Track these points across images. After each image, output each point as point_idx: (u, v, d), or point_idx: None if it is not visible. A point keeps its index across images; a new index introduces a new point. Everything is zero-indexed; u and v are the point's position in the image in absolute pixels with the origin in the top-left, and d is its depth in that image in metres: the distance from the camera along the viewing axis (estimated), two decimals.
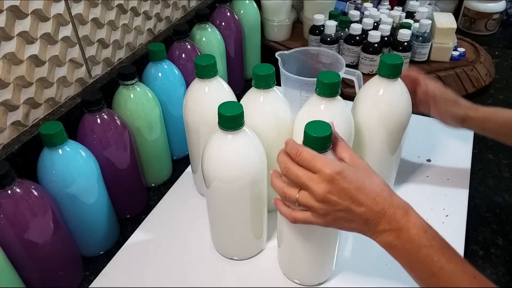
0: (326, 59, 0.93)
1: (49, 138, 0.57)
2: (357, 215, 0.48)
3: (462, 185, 0.77)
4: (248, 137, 0.57)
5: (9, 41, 0.59)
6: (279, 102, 0.64)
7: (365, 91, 0.68)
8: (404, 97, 0.66)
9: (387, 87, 0.65)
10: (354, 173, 0.48)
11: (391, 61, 0.62)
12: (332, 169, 0.47)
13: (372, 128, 0.67)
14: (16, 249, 0.54)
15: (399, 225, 0.47)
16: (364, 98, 0.67)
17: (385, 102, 0.65)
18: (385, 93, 0.65)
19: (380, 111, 0.66)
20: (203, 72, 0.64)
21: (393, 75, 0.63)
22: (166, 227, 0.72)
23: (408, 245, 0.47)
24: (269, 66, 0.61)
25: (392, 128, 0.67)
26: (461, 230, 0.69)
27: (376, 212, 0.47)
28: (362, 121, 0.67)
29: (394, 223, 0.47)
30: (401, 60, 0.63)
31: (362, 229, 0.50)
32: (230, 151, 0.55)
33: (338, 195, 0.47)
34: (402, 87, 0.66)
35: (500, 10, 1.27)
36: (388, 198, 0.48)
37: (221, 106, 0.54)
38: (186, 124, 0.70)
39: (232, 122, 0.54)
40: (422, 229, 0.47)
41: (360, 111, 0.67)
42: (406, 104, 0.66)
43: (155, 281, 0.64)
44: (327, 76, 0.58)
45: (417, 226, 0.47)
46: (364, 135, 0.68)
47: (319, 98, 0.60)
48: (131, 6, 0.82)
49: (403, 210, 0.48)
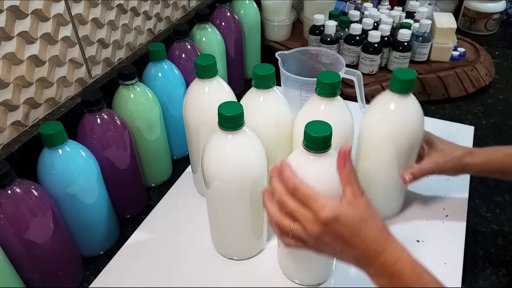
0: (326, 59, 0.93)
1: (49, 138, 0.57)
2: (349, 255, 0.49)
3: (462, 185, 0.77)
4: (248, 137, 0.57)
5: (9, 41, 0.59)
6: (279, 102, 0.64)
7: (375, 106, 0.64)
8: (416, 114, 0.62)
9: (399, 103, 0.61)
10: (351, 217, 0.47)
11: (404, 77, 0.59)
12: (328, 213, 0.47)
13: (382, 145, 0.64)
14: (16, 249, 0.54)
15: (391, 271, 0.47)
16: (374, 114, 0.64)
17: (396, 118, 0.62)
18: (396, 109, 0.62)
19: (391, 128, 0.62)
20: (203, 72, 0.64)
21: (405, 91, 0.60)
22: (166, 227, 0.72)
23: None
24: (269, 66, 0.61)
25: (403, 146, 0.63)
26: (461, 231, 0.69)
27: (368, 257, 0.47)
28: (371, 138, 0.65)
29: (386, 269, 0.47)
30: (414, 75, 0.60)
31: (355, 266, 0.50)
32: (231, 151, 0.55)
33: (332, 237, 0.48)
34: (414, 103, 0.62)
35: (500, 10, 1.27)
36: (382, 245, 0.47)
37: (221, 106, 0.54)
38: (186, 124, 0.70)
39: (232, 122, 0.54)
40: (415, 275, 0.46)
41: (370, 127, 0.65)
42: (418, 121, 0.63)
43: (155, 281, 0.64)
44: (327, 76, 0.58)
45: (409, 272, 0.46)
46: (372, 152, 0.66)
47: (319, 98, 0.60)
48: (131, 6, 0.82)
49: (395, 256, 0.47)
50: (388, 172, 0.66)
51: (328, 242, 0.48)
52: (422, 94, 1.00)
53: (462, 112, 0.98)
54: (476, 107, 0.99)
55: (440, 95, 1.01)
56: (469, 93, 1.02)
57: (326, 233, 0.48)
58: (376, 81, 1.00)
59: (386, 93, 0.62)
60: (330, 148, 0.50)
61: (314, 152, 0.50)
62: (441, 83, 1.00)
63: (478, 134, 0.90)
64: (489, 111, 0.98)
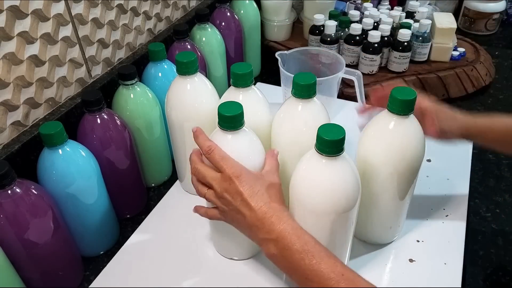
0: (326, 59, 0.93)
1: (49, 138, 0.57)
2: (244, 219, 0.52)
3: (462, 185, 0.77)
4: (249, 137, 0.57)
5: (9, 41, 0.59)
6: (258, 102, 0.64)
7: (372, 128, 0.59)
8: (417, 136, 0.57)
9: (398, 125, 0.56)
10: (253, 180, 0.53)
11: (403, 97, 0.54)
12: (232, 171, 0.52)
13: (380, 169, 0.59)
14: (16, 249, 0.54)
15: (276, 234, 0.50)
16: (371, 136, 0.59)
17: (396, 141, 0.57)
18: (395, 131, 0.56)
19: (390, 151, 0.57)
20: (184, 69, 0.65)
21: (404, 112, 0.55)
22: (166, 227, 0.72)
23: (285, 252, 0.49)
24: (247, 65, 0.62)
25: (403, 171, 0.58)
26: (461, 230, 0.69)
27: (258, 219, 0.51)
28: (368, 162, 0.59)
29: (271, 233, 0.50)
30: (414, 95, 0.54)
31: (249, 235, 0.54)
32: (230, 150, 0.55)
33: (231, 196, 0.52)
34: (415, 125, 0.57)
35: (500, 10, 1.27)
36: (273, 208, 0.52)
37: (221, 106, 0.54)
38: (170, 122, 0.71)
39: (232, 122, 0.54)
40: (296, 235, 0.50)
41: (366, 151, 0.59)
42: (419, 144, 0.58)
43: (155, 281, 0.64)
44: (303, 78, 0.58)
45: (291, 233, 0.50)
46: (369, 177, 0.60)
47: (296, 100, 0.59)
48: (131, 6, 0.82)
49: (279, 217, 0.51)
50: (386, 197, 0.61)
51: (229, 201, 0.53)
52: None
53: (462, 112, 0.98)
54: (476, 107, 0.99)
55: (440, 95, 1.01)
56: (469, 93, 1.02)
57: (228, 191, 0.52)
58: (376, 81, 1.00)
59: (385, 113, 0.57)
60: (342, 152, 0.50)
61: (326, 156, 0.50)
62: (441, 83, 1.00)
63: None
64: (489, 111, 0.98)
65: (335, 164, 0.50)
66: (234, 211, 0.53)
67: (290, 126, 0.61)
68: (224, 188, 0.53)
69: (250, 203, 0.51)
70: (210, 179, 0.54)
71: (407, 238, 0.69)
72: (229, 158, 0.53)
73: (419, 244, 0.68)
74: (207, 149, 0.54)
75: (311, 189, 0.52)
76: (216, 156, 0.53)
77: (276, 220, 0.50)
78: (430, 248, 0.67)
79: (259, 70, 1.14)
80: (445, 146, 0.86)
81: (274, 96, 0.93)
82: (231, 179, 0.52)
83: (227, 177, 0.52)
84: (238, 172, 0.52)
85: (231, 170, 0.52)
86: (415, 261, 0.65)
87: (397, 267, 0.65)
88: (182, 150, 0.73)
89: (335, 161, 0.50)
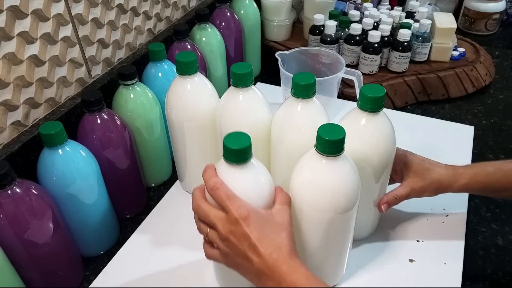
0: (326, 59, 0.93)
1: (49, 138, 0.57)
2: (252, 265, 0.48)
3: None
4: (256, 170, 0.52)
5: (9, 41, 0.59)
6: (258, 101, 0.64)
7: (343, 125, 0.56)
8: (387, 132, 0.59)
9: (369, 121, 0.57)
10: (262, 222, 0.48)
11: (373, 94, 0.55)
12: (239, 213, 0.48)
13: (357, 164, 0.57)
14: (16, 249, 0.54)
15: (287, 285, 0.46)
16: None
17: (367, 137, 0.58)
18: (366, 128, 0.58)
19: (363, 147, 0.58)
20: (184, 69, 0.65)
21: (374, 109, 0.56)
22: (166, 227, 0.72)
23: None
24: (247, 65, 0.62)
25: (375, 167, 0.59)
26: (461, 230, 0.69)
27: (268, 267, 0.47)
28: None
29: (282, 283, 0.46)
30: (383, 92, 0.56)
31: (257, 283, 0.49)
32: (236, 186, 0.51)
33: (238, 239, 0.48)
34: (385, 121, 0.58)
35: (500, 10, 1.27)
36: (284, 255, 0.47)
37: (227, 137, 0.50)
38: (170, 122, 0.71)
39: (240, 155, 0.49)
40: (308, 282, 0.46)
41: None
42: (390, 140, 0.59)
43: (155, 281, 0.64)
44: (302, 78, 0.58)
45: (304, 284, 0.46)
46: None
47: (295, 100, 0.59)
48: (131, 6, 0.82)
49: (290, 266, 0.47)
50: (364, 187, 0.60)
51: (234, 245, 0.48)
52: (422, 94, 1.00)
53: (462, 112, 0.98)
54: (476, 107, 0.99)
55: (440, 95, 1.01)
56: (469, 93, 1.02)
57: (234, 234, 0.48)
58: (376, 81, 1.00)
59: (356, 111, 0.58)
60: (342, 152, 0.50)
61: (326, 156, 0.50)
62: (441, 83, 1.00)
63: (478, 134, 0.90)
64: (489, 111, 0.98)
65: (335, 164, 0.50)
66: (240, 256, 0.48)
67: (289, 126, 0.61)
68: (229, 230, 0.48)
69: (258, 248, 0.47)
70: (214, 218, 0.49)
71: (407, 238, 0.69)
72: (236, 197, 0.49)
73: (419, 244, 0.68)
74: (212, 186, 0.50)
75: (311, 189, 0.52)
76: (222, 194, 0.49)
77: (287, 269, 0.46)
78: (430, 248, 0.67)
79: (259, 70, 1.14)
80: (445, 146, 0.86)
81: (274, 96, 0.93)
82: (237, 221, 0.47)
83: (233, 218, 0.48)
84: (245, 213, 0.48)
85: (238, 211, 0.48)
86: (415, 261, 0.65)
87: (397, 267, 0.65)
88: (182, 150, 0.73)
89: (335, 161, 0.50)
